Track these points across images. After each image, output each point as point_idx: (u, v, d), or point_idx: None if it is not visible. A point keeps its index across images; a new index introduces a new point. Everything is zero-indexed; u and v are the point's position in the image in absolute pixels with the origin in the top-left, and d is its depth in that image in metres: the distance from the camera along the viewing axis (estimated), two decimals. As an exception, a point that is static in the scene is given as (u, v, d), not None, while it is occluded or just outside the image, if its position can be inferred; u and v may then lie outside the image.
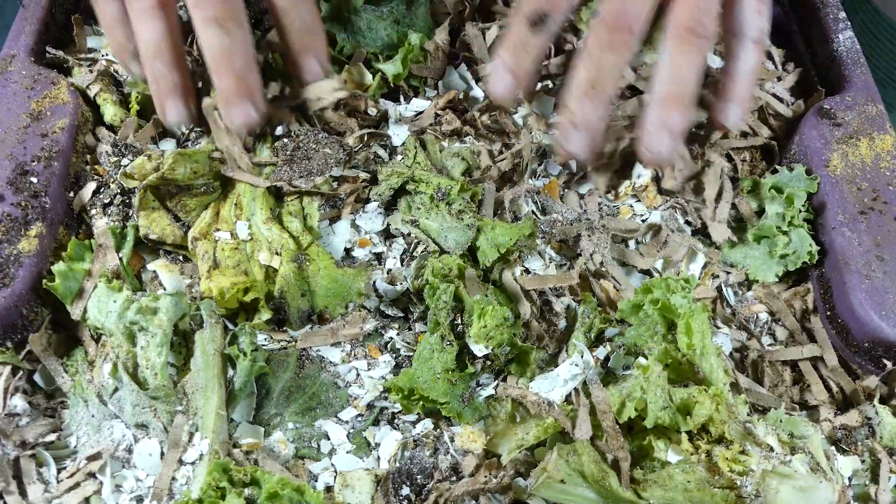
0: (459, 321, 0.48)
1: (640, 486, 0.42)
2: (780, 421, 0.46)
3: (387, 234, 0.55)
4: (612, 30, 0.48)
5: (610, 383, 0.47)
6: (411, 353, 0.49)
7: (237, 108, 0.50)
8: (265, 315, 0.48)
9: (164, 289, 0.50)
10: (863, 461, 0.48)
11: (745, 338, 0.53)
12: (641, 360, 0.46)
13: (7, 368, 0.46)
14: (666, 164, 0.51)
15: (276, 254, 0.49)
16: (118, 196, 0.52)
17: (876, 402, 0.49)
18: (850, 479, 0.47)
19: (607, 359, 0.49)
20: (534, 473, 0.43)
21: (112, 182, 0.52)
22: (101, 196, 0.52)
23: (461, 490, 0.43)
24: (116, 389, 0.46)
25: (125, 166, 0.52)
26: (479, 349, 0.46)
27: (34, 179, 0.49)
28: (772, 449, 0.43)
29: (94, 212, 0.52)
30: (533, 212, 0.56)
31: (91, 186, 0.52)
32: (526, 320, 0.49)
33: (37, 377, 0.48)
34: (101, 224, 0.51)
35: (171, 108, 0.52)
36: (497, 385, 0.47)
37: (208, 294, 0.47)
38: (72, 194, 0.52)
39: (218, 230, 0.50)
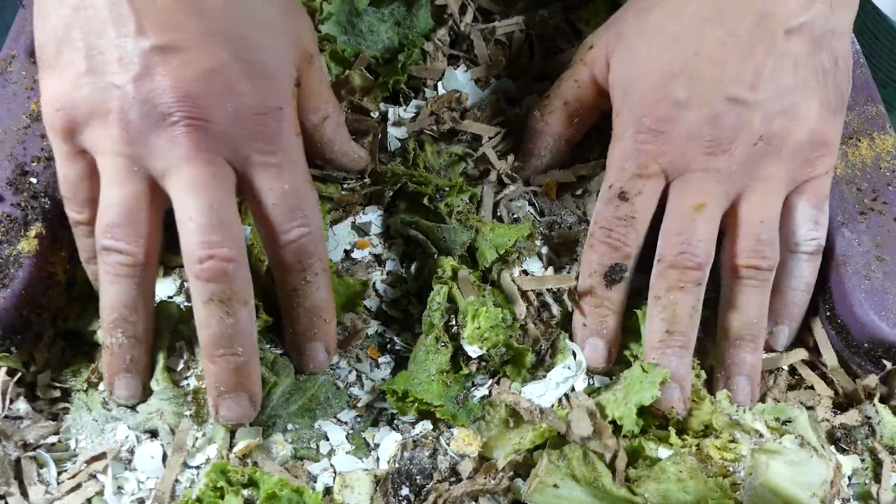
0: (454, 323, 0.48)
1: (633, 483, 0.43)
2: (765, 408, 0.47)
3: (387, 236, 0.55)
4: (679, 268, 0.46)
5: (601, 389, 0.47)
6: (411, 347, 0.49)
7: (230, 402, 0.43)
8: (262, 322, 0.47)
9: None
10: (862, 460, 0.48)
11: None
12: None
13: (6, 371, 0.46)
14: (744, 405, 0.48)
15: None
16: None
17: (876, 401, 0.49)
18: (850, 478, 0.47)
19: None
20: (526, 481, 0.43)
21: None
22: None
23: (460, 491, 0.43)
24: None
25: None
26: (473, 350, 0.46)
27: (34, 180, 0.49)
28: (761, 435, 0.43)
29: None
30: (531, 213, 0.56)
31: None
32: (523, 322, 0.49)
33: (38, 383, 0.48)
34: None
35: (120, 386, 0.45)
36: (491, 386, 0.47)
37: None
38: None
39: None
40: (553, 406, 0.46)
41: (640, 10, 0.51)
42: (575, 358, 0.48)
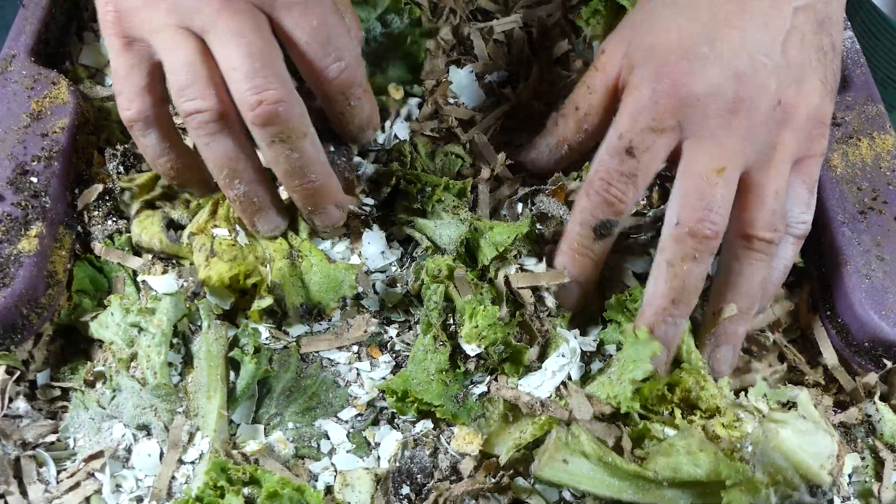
0: (452, 321, 0.48)
1: (642, 462, 0.43)
2: (767, 393, 0.47)
3: (387, 237, 0.55)
4: (695, 234, 0.45)
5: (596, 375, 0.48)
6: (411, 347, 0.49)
7: (322, 215, 0.49)
8: (266, 301, 0.48)
9: (156, 292, 0.50)
10: (863, 458, 0.48)
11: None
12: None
13: (5, 370, 0.46)
14: (722, 375, 0.48)
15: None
16: (119, 202, 0.53)
17: (876, 399, 0.49)
18: (850, 476, 0.47)
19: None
20: (536, 455, 0.43)
21: (116, 190, 0.53)
22: (106, 199, 0.53)
23: (461, 490, 0.43)
24: (115, 396, 0.46)
25: (130, 178, 0.52)
26: (471, 349, 0.46)
27: (34, 179, 0.49)
28: (764, 415, 0.43)
29: (96, 213, 0.52)
30: (530, 210, 0.56)
31: (97, 188, 0.52)
32: (521, 319, 0.49)
33: (38, 382, 0.48)
34: (98, 231, 0.52)
35: (263, 224, 0.49)
36: (489, 383, 0.47)
37: (208, 282, 0.47)
38: (77, 191, 0.52)
39: (216, 227, 0.50)
40: (551, 396, 0.46)
41: (647, 8, 0.51)
42: (569, 344, 0.48)
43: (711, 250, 0.45)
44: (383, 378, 0.49)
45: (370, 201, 0.54)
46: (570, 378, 0.47)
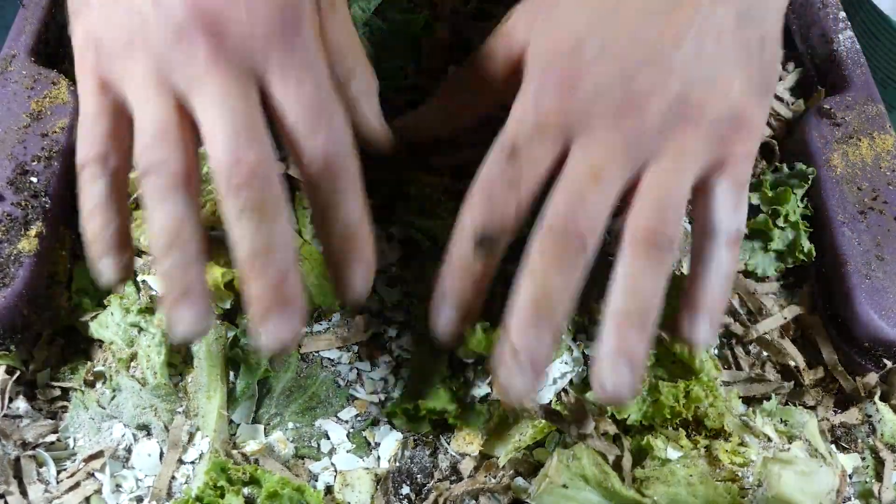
0: None
1: (642, 484, 0.43)
2: (774, 411, 0.46)
3: (386, 238, 0.55)
4: (559, 240, 0.40)
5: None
6: (410, 356, 0.49)
7: (273, 323, 0.39)
8: None
9: (156, 292, 0.50)
10: (863, 458, 0.48)
11: (741, 331, 0.53)
12: None
13: (6, 369, 0.46)
14: (624, 402, 0.41)
15: None
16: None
17: (876, 399, 0.49)
18: (850, 476, 0.47)
19: None
20: (535, 481, 0.43)
21: None
22: None
23: (461, 490, 0.43)
24: (115, 396, 0.46)
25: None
26: (467, 355, 0.46)
27: (34, 179, 0.49)
28: (769, 439, 0.43)
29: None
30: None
31: None
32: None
33: (38, 382, 0.48)
34: None
35: (182, 317, 0.40)
36: (490, 383, 0.47)
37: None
38: (76, 191, 0.52)
39: (213, 230, 0.50)
40: (552, 402, 0.46)
41: None
42: (572, 354, 0.48)
43: (576, 252, 0.41)
44: (384, 378, 0.49)
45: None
46: (571, 384, 0.47)
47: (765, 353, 0.52)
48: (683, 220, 0.43)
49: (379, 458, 0.46)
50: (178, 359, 0.47)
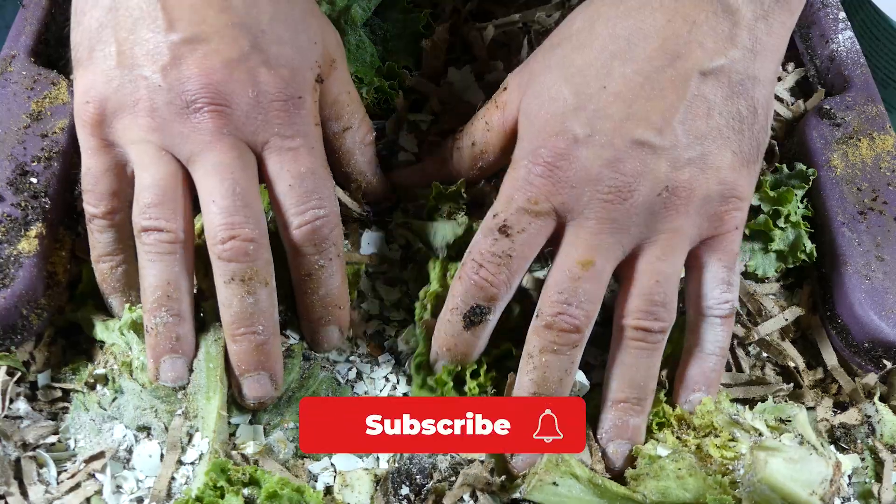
0: None
1: (633, 481, 0.43)
2: (765, 410, 0.47)
3: (387, 239, 0.55)
4: (554, 330, 0.43)
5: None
6: (411, 353, 0.49)
7: (252, 381, 0.44)
8: None
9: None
10: (862, 459, 0.48)
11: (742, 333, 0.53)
12: None
13: (6, 370, 0.46)
14: (623, 469, 0.45)
15: None
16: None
17: (876, 399, 0.49)
18: (850, 476, 0.47)
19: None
20: (526, 479, 0.43)
21: None
22: None
23: (461, 490, 0.43)
24: (116, 398, 0.46)
25: None
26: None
27: (34, 180, 0.49)
28: (760, 433, 0.43)
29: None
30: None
31: None
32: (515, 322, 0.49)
33: (38, 383, 0.48)
34: None
35: (167, 368, 0.44)
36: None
37: (206, 287, 0.47)
38: (76, 192, 0.52)
39: None
40: None
41: (549, 46, 0.48)
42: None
43: (572, 343, 0.43)
44: (385, 377, 0.49)
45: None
46: None
47: (765, 354, 0.52)
48: (676, 298, 0.45)
49: (378, 458, 0.46)
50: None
